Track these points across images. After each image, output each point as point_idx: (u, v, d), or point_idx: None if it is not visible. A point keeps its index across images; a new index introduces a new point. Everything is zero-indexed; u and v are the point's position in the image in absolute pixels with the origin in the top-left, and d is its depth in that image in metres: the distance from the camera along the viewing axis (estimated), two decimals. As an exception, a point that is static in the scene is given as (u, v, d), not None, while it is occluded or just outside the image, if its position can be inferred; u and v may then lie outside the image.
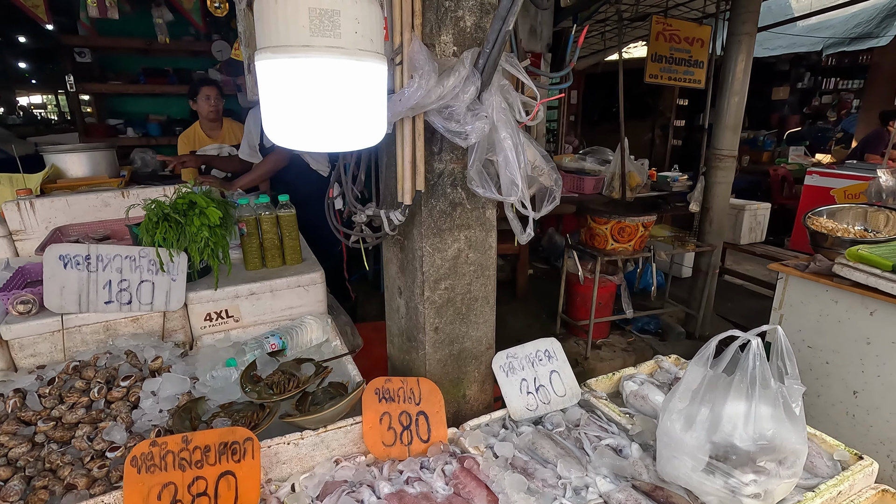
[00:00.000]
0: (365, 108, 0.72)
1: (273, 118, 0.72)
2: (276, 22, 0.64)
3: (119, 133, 6.33)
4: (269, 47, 0.65)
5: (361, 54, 0.69)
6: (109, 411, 1.26)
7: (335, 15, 0.65)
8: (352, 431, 1.31)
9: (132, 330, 1.60)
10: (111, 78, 6.33)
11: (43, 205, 1.94)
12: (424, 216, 1.34)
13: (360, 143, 0.76)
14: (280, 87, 0.66)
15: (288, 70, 0.65)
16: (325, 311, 1.89)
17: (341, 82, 0.67)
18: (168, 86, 6.47)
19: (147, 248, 1.55)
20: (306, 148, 0.73)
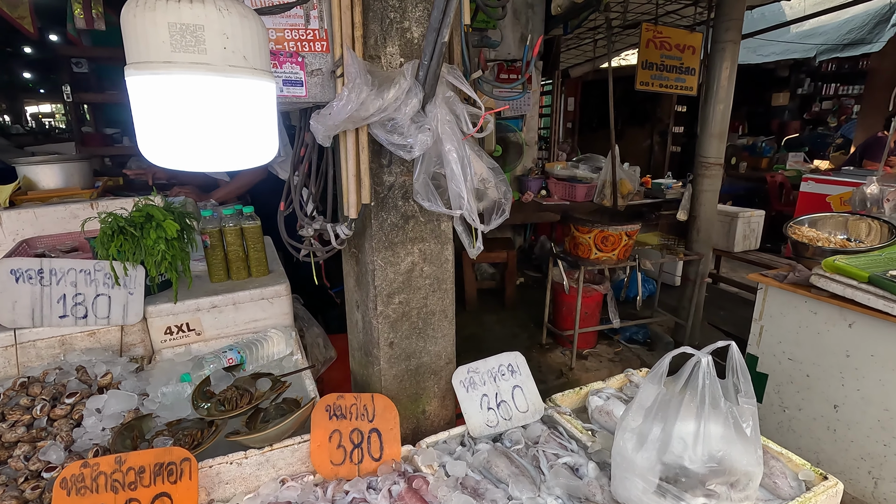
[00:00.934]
0: (244, 126, 0.70)
1: (146, 136, 0.70)
2: (137, 37, 0.62)
3: (115, 142, 6.35)
4: (133, 63, 0.63)
5: (232, 70, 0.67)
6: (51, 429, 1.24)
7: (198, 30, 0.63)
8: (299, 450, 1.28)
9: (88, 345, 1.59)
10: (107, 87, 6.38)
11: (10, 217, 1.94)
12: (375, 229, 1.32)
13: (243, 162, 0.74)
14: (148, 105, 0.64)
15: (152, 87, 0.63)
16: (290, 324, 1.87)
17: (211, 99, 0.65)
18: (164, 95, 6.51)
19: (102, 261, 1.53)
20: (184, 167, 0.71)
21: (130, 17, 0.61)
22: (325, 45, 1.15)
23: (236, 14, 0.65)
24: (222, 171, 0.69)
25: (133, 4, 0.61)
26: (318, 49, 1.15)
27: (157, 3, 0.60)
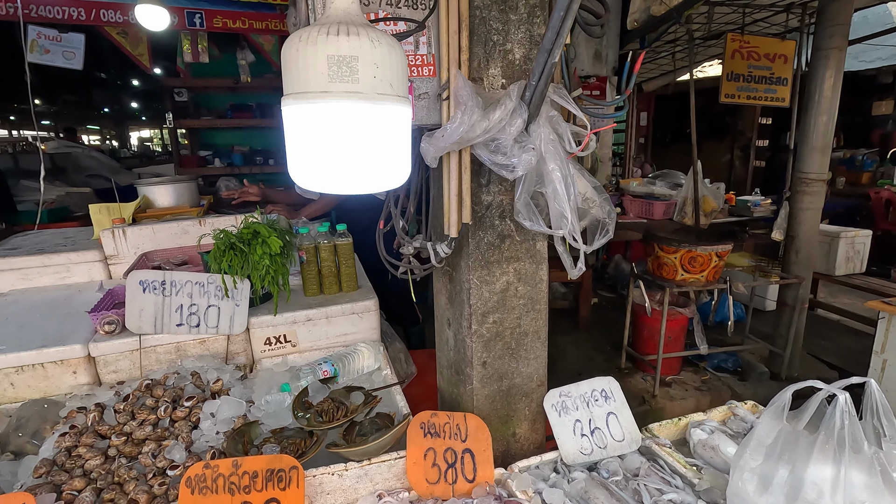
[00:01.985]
0: (385, 151, 0.73)
1: (297, 162, 0.75)
2: (298, 69, 0.67)
3: (208, 163, 6.93)
4: (292, 94, 0.68)
5: (380, 98, 0.70)
6: (173, 430, 1.34)
7: (353, 61, 0.67)
8: (395, 466, 1.29)
9: (199, 351, 1.71)
10: (203, 114, 6.99)
11: (133, 232, 2.14)
12: (472, 248, 1.33)
13: (381, 185, 0.76)
14: (302, 132, 0.69)
15: (308, 115, 0.68)
16: (378, 339, 1.92)
17: (360, 126, 0.69)
18: (251, 119, 7.03)
19: (214, 274, 1.65)
20: (328, 190, 0.75)
21: (293, 51, 0.67)
22: (432, 70, 1.19)
23: (385, 45, 0.69)
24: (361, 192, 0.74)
25: (296, 40, 0.66)
26: (425, 73, 1.19)
27: (319, 38, 0.65)
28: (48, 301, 1.92)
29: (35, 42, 3.51)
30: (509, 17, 1.23)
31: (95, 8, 3.57)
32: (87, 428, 1.33)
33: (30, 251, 2.12)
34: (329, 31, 0.65)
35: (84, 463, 1.23)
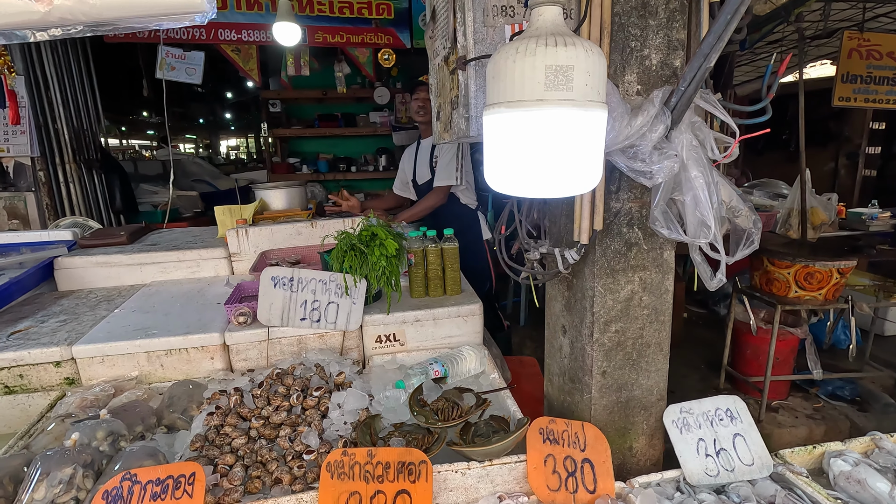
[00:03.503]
0: (586, 156, 0.74)
1: (497, 166, 0.78)
2: (513, 79, 0.70)
3: (296, 170, 7.37)
4: (504, 102, 0.71)
5: (589, 105, 0.72)
6: (304, 417, 1.43)
7: (569, 70, 0.69)
8: (516, 469, 1.30)
9: (317, 345, 1.82)
10: (294, 124, 7.46)
11: (254, 232, 2.32)
12: (598, 255, 1.31)
13: (577, 188, 0.78)
14: (510, 139, 0.72)
15: (521, 122, 0.70)
16: (481, 343, 1.94)
17: (569, 132, 0.71)
18: (336, 128, 7.40)
19: (336, 273, 1.75)
20: (525, 194, 0.78)
21: (509, 63, 0.70)
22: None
23: (595, 54, 0.72)
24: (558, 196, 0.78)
25: (512, 52, 0.70)
26: (562, 81, 1.20)
27: (538, 49, 0.68)
28: (184, 292, 2.13)
29: (164, 60, 3.92)
30: (648, 22, 1.21)
31: (215, 28, 3.93)
32: (230, 410, 1.46)
33: (167, 247, 2.36)
34: (547, 43, 0.68)
35: (231, 441, 1.35)
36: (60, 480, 1.13)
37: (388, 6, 4.20)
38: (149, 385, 1.69)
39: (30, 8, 0.95)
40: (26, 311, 1.95)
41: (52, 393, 1.64)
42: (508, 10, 1.12)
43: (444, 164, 2.97)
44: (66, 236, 2.35)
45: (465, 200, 3.13)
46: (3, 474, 1.17)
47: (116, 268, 2.24)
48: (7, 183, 4.07)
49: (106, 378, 1.67)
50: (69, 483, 1.14)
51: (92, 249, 2.30)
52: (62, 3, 0.93)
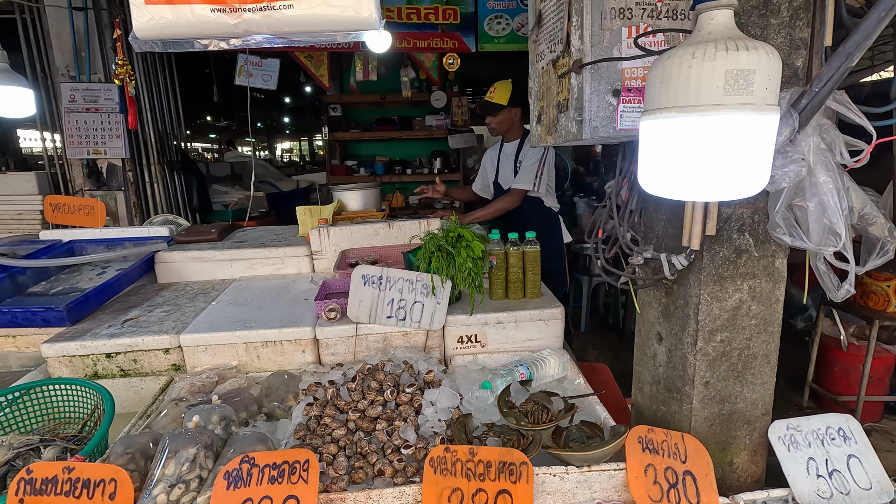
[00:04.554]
0: (758, 159, 0.73)
1: (656, 169, 0.78)
2: (688, 84, 0.70)
3: (353, 172, 7.57)
4: (674, 107, 0.71)
5: (767, 108, 0.71)
6: (399, 412, 1.47)
7: (750, 74, 0.68)
8: (615, 477, 1.28)
9: (402, 343, 1.86)
10: (352, 127, 7.67)
11: (334, 232, 2.41)
12: (706, 262, 1.27)
13: (746, 191, 0.76)
14: (678, 142, 0.71)
15: (694, 126, 0.70)
16: (561, 347, 1.92)
17: (745, 136, 0.70)
18: (393, 132, 7.56)
19: (423, 273, 1.79)
20: (689, 197, 0.77)
21: (683, 67, 0.70)
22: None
23: (775, 57, 0.71)
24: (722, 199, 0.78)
25: (687, 56, 0.70)
26: (676, 83, 1.18)
27: (717, 54, 0.68)
28: (272, 288, 2.23)
29: (242, 68, 4.14)
30: (769, 21, 1.17)
31: (289, 36, 4.10)
32: (328, 402, 1.52)
33: (253, 244, 2.49)
34: (728, 47, 0.68)
35: (331, 432, 1.40)
36: (186, 459, 1.21)
37: (454, 11, 4.25)
38: (246, 374, 1.78)
39: (221, 20, 1.04)
40: (133, 301, 2.11)
41: (161, 377, 1.76)
42: (626, 13, 1.11)
43: (526, 169, 2.99)
44: (164, 232, 2.52)
45: (549, 203, 3.14)
46: (135, 450, 1.27)
47: (209, 263, 2.39)
48: (101, 182, 4.42)
49: (208, 366, 1.77)
50: (193, 462, 1.22)
51: (187, 245, 2.46)
52: (250, 17, 1.02)
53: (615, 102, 1.14)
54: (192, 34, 1.11)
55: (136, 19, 1.13)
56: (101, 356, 1.75)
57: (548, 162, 3.00)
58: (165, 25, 1.11)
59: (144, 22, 1.12)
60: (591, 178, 7.93)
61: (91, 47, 4.15)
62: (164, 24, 1.11)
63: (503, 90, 2.98)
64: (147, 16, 1.12)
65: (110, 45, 4.21)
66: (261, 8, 1.02)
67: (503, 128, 3.11)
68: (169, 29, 1.12)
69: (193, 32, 1.11)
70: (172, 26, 1.11)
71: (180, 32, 1.12)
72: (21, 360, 1.87)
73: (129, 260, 2.33)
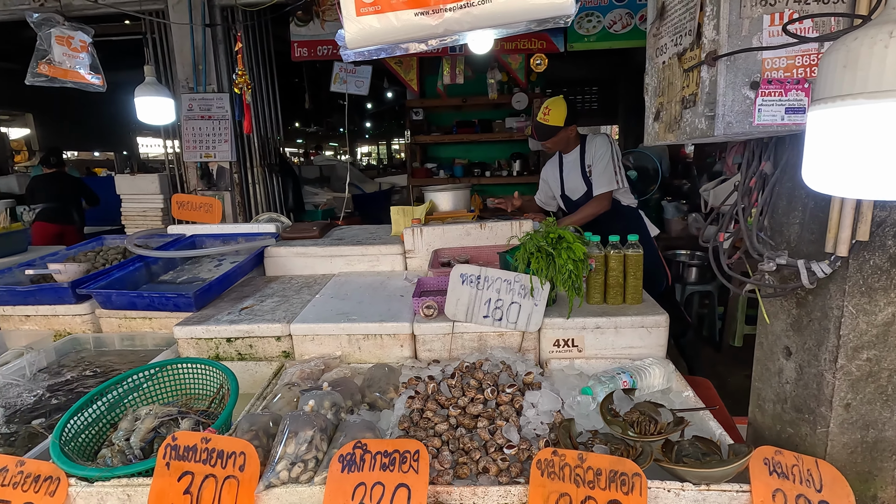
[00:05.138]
0: None
1: (827, 164, 0.72)
2: (883, 66, 0.63)
3: (433, 174, 7.72)
4: (863, 93, 0.65)
5: None
6: (500, 412, 1.47)
7: None
8: (737, 499, 1.19)
9: (497, 343, 1.86)
10: (433, 130, 7.83)
11: (427, 232, 2.46)
12: (852, 271, 1.15)
13: None
14: (862, 133, 0.65)
15: (888, 115, 0.63)
16: (664, 356, 1.83)
17: None
18: (472, 134, 7.61)
19: (521, 274, 1.78)
20: (864, 196, 0.70)
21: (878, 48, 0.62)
22: (835, 69, 1.07)
23: None
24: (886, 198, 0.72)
25: (883, 36, 0.62)
26: (824, 73, 1.07)
27: None
28: (369, 284, 2.33)
29: (337, 75, 4.37)
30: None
31: (381, 43, 4.26)
32: (429, 396, 1.55)
33: (350, 242, 2.61)
34: None
35: (434, 426, 1.43)
36: (304, 440, 1.29)
37: (542, 11, 4.19)
38: (348, 364, 1.87)
39: (424, 23, 1.12)
40: (247, 291, 2.29)
41: (273, 363, 1.89)
42: None
43: (601, 172, 2.92)
44: (271, 229, 2.71)
45: (627, 202, 3.05)
46: (258, 428, 1.38)
47: (312, 258, 2.54)
48: (211, 183, 4.86)
49: (315, 354, 1.88)
50: (310, 443, 1.29)
51: (292, 241, 2.63)
52: (451, 16, 1.08)
53: (752, 96, 1.06)
54: (396, 40, 1.20)
55: (348, 31, 1.22)
56: (223, 340, 1.92)
57: (617, 156, 2.92)
58: (373, 34, 1.20)
59: (355, 32, 1.21)
60: (680, 180, 7.49)
61: (207, 61, 4.58)
62: (372, 33, 1.20)
63: (558, 110, 2.92)
64: (357, 27, 1.21)
65: (224, 58, 4.63)
66: (461, 6, 1.08)
67: (559, 147, 3.08)
68: (376, 37, 1.20)
69: (397, 38, 1.20)
70: (379, 34, 1.19)
71: (385, 39, 1.21)
72: (155, 339, 2.09)
73: (241, 254, 2.54)
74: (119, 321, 2.14)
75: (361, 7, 1.18)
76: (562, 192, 3.20)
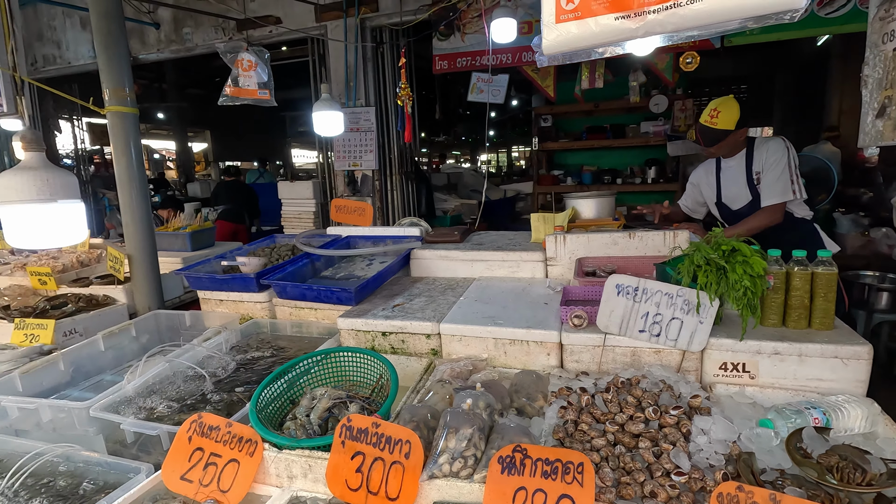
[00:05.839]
0: None
1: None
2: None
3: (560, 182, 7.56)
4: None
5: None
6: (664, 434, 1.37)
7: None
8: None
9: (652, 360, 1.74)
10: (561, 137, 7.67)
11: (571, 239, 2.41)
12: None
13: None
14: None
15: None
16: (864, 395, 1.56)
17: None
18: (604, 140, 7.30)
19: (686, 288, 1.65)
20: None
21: None
22: None
23: None
24: None
25: None
26: None
27: None
28: (510, 289, 2.34)
29: (475, 85, 4.49)
30: None
31: (519, 51, 4.30)
32: (582, 408, 1.51)
33: (491, 247, 2.65)
34: None
35: (591, 440, 1.38)
36: (464, 437, 1.33)
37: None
38: (494, 367, 1.90)
39: (624, 26, 1.13)
40: (396, 290, 2.45)
41: (423, 359, 1.99)
42: None
43: (773, 181, 2.60)
44: (416, 233, 2.87)
45: (801, 213, 2.68)
46: (419, 419, 1.45)
47: (454, 262, 2.63)
48: (356, 190, 5.31)
49: (462, 355, 1.94)
50: (469, 441, 1.33)
51: (435, 245, 2.75)
52: (653, 18, 1.08)
53: None
54: (593, 44, 1.22)
55: (546, 37, 1.27)
56: (378, 333, 2.07)
57: (794, 163, 2.54)
58: (571, 40, 1.22)
59: (552, 39, 1.25)
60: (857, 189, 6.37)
61: (357, 78, 5.02)
62: (570, 39, 1.22)
63: (729, 112, 2.60)
64: (555, 33, 1.24)
65: (371, 74, 5.05)
66: (666, 7, 1.06)
67: (724, 151, 2.74)
68: (573, 42, 1.22)
69: (595, 42, 1.20)
70: (576, 39, 1.21)
71: (582, 44, 1.22)
72: (318, 329, 2.33)
73: (389, 255, 2.72)
74: (290, 310, 2.43)
75: (561, 14, 1.20)
76: (717, 199, 2.91)
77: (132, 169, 2.70)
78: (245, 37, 4.95)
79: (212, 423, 1.48)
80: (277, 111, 5.46)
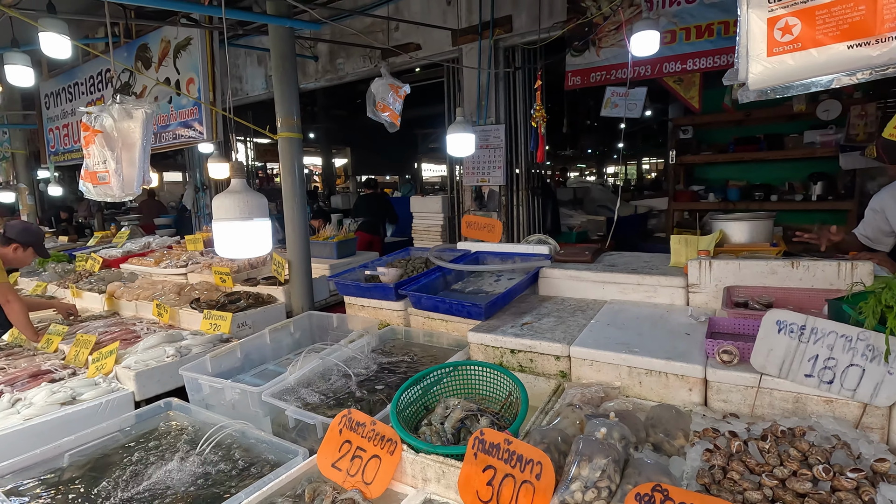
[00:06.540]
0: None
1: None
2: None
3: (700, 198, 6.91)
4: None
5: None
6: (837, 499, 1.19)
7: None
8: None
9: (821, 410, 1.53)
10: (703, 149, 7.03)
11: (717, 266, 2.21)
12: None
13: None
14: None
15: None
16: None
17: None
18: (756, 152, 6.54)
19: (870, 331, 1.42)
20: None
21: None
22: None
23: None
24: None
25: None
26: None
27: None
28: (646, 315, 2.22)
29: (609, 100, 4.35)
30: None
31: (660, 63, 4.07)
32: (732, 454, 1.37)
33: (625, 269, 2.54)
34: None
35: (743, 491, 1.26)
36: (598, 467, 1.30)
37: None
38: (627, 397, 1.82)
39: (859, 55, 1.03)
40: (524, 308, 2.47)
41: (551, 380, 1.98)
42: None
43: None
44: (545, 251, 2.86)
45: None
46: (549, 441, 1.45)
47: (584, 283, 2.57)
48: (482, 205, 5.45)
49: (593, 380, 1.89)
50: (603, 472, 1.30)
51: (565, 264, 2.72)
52: None
53: None
54: (812, 75, 1.11)
55: (752, 71, 1.17)
56: (507, 350, 2.11)
57: None
58: (783, 72, 1.13)
59: (759, 73, 1.17)
60: None
61: (489, 98, 5.18)
62: (782, 72, 1.14)
63: None
64: (764, 66, 1.16)
65: (502, 94, 5.17)
66: None
67: None
68: (786, 76, 1.13)
69: (815, 73, 1.09)
70: (790, 72, 1.12)
71: (797, 77, 1.13)
72: (448, 340, 2.45)
73: (517, 272, 2.75)
74: (423, 319, 2.59)
75: (775, 47, 1.10)
76: None
77: (296, 186, 3.11)
78: (387, 63, 5.41)
79: (359, 419, 1.64)
80: (410, 129, 5.84)
